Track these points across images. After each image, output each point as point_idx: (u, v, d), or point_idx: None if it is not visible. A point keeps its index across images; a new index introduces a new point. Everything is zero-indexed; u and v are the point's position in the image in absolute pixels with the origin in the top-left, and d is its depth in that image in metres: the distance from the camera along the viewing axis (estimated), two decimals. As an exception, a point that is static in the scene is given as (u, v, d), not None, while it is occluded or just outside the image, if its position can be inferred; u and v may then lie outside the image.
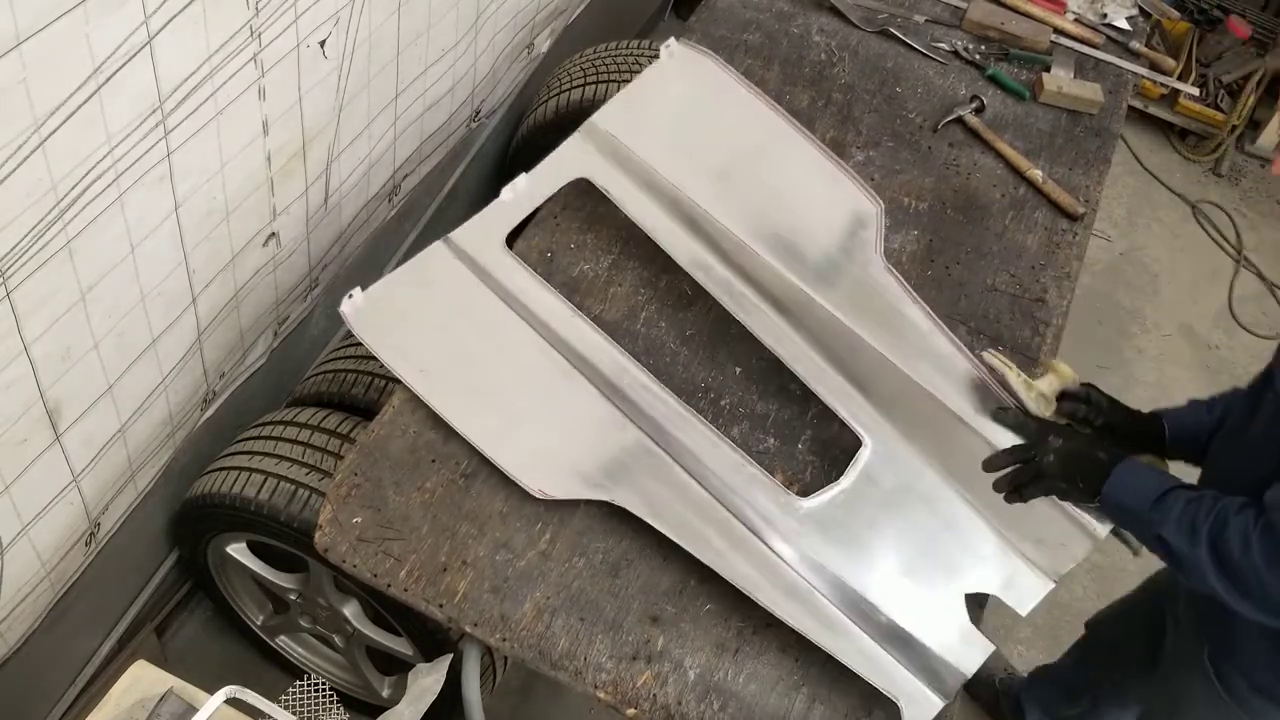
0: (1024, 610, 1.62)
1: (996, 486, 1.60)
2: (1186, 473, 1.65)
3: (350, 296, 1.80)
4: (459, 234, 1.89)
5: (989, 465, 1.61)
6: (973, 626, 1.59)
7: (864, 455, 1.70)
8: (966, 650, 1.57)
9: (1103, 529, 1.61)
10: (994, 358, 1.75)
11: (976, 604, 1.64)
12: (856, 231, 1.89)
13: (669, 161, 1.94)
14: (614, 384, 1.74)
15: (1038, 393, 1.72)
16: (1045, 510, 1.61)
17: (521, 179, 1.95)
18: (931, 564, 1.63)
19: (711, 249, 1.87)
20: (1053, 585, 1.62)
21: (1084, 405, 1.69)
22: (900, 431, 1.71)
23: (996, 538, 1.64)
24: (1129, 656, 1.96)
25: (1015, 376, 1.73)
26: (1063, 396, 1.71)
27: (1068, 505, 1.61)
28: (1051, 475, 1.55)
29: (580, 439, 1.69)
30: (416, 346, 1.76)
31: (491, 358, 1.77)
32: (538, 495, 1.63)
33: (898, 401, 1.74)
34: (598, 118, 2.01)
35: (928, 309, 1.81)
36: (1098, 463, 1.52)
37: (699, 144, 1.98)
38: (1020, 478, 1.58)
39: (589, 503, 1.67)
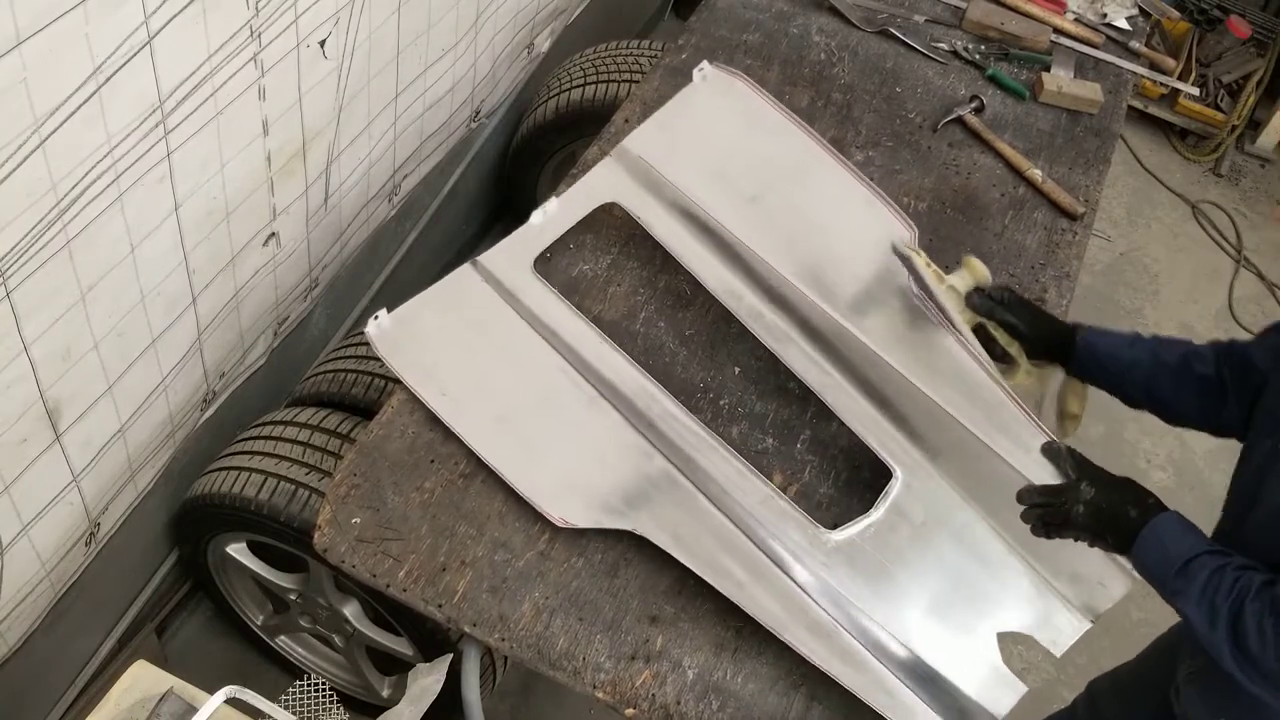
0: (1058, 651, 1.57)
1: (1024, 518, 1.54)
2: (1141, 422, 1.63)
3: (376, 318, 1.79)
4: (487, 257, 1.88)
5: (1020, 498, 1.55)
6: (1004, 667, 1.55)
7: (894, 487, 1.66)
8: (999, 691, 1.53)
9: (1131, 577, 1.56)
10: (910, 251, 1.74)
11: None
12: (890, 257, 1.85)
13: (701, 186, 1.93)
14: (641, 412, 1.72)
15: (948, 285, 1.72)
16: (1082, 547, 1.55)
17: (552, 202, 1.95)
18: (963, 600, 1.59)
19: (743, 276, 1.85)
20: (1089, 625, 1.57)
21: (996, 303, 1.68)
22: (932, 463, 1.67)
23: (1031, 574, 1.59)
24: None
25: (925, 266, 1.72)
26: (975, 292, 1.71)
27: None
28: (1079, 526, 1.49)
29: (604, 467, 1.67)
30: (441, 370, 1.75)
31: (516, 383, 1.75)
32: (560, 524, 1.61)
33: (929, 432, 1.69)
34: (629, 141, 2.01)
35: (961, 336, 1.74)
36: (1127, 520, 1.45)
37: (731, 168, 1.97)
38: (1049, 518, 1.52)
39: (588, 503, 1.67)
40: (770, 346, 1.79)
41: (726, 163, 1.98)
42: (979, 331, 1.74)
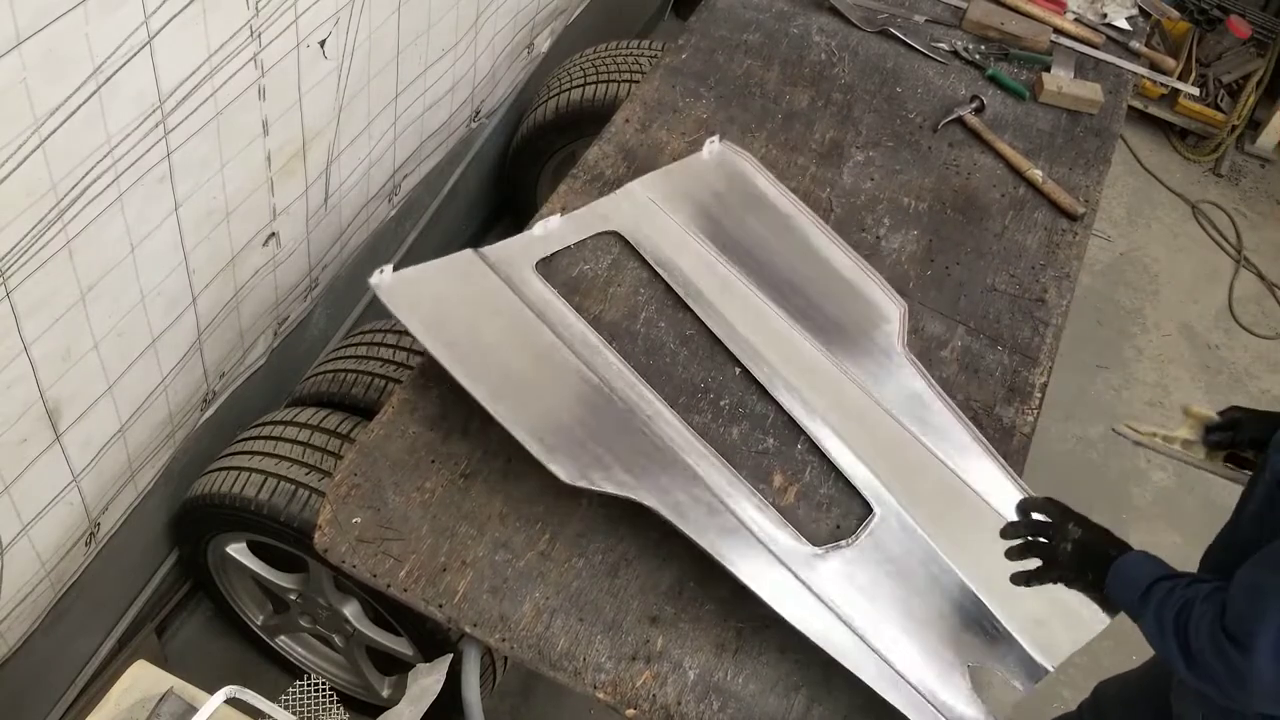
0: (1025, 689, 1.59)
1: (1009, 555, 1.57)
2: None
3: (380, 271, 1.79)
4: (490, 250, 1.89)
5: (1005, 533, 1.58)
6: (974, 695, 1.56)
7: (873, 522, 1.69)
8: (969, 715, 1.55)
9: (1103, 619, 1.60)
10: (1130, 430, 1.82)
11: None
12: (880, 324, 1.92)
13: (701, 232, 1.99)
14: (641, 414, 1.72)
15: (1184, 440, 1.78)
16: (1049, 594, 1.59)
17: (555, 219, 1.97)
18: (934, 634, 1.61)
19: (736, 310, 1.89)
20: (1050, 671, 1.59)
21: (1229, 431, 1.73)
22: (907, 506, 1.71)
23: (998, 618, 1.62)
24: None
25: (1160, 441, 1.80)
26: (1208, 432, 1.76)
27: (1072, 593, 1.59)
28: (1064, 565, 1.54)
29: (609, 441, 1.67)
30: (445, 325, 1.75)
31: (520, 356, 1.76)
32: (566, 481, 1.60)
33: (907, 475, 1.74)
34: (637, 184, 2.05)
35: (949, 400, 1.81)
36: (1106, 558, 1.51)
37: (732, 226, 2.02)
38: (1034, 555, 1.55)
39: (589, 503, 1.67)
40: (758, 378, 1.82)
41: (729, 221, 2.03)
42: (1231, 459, 1.79)
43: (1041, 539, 1.56)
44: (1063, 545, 1.53)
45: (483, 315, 1.80)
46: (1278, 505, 1.42)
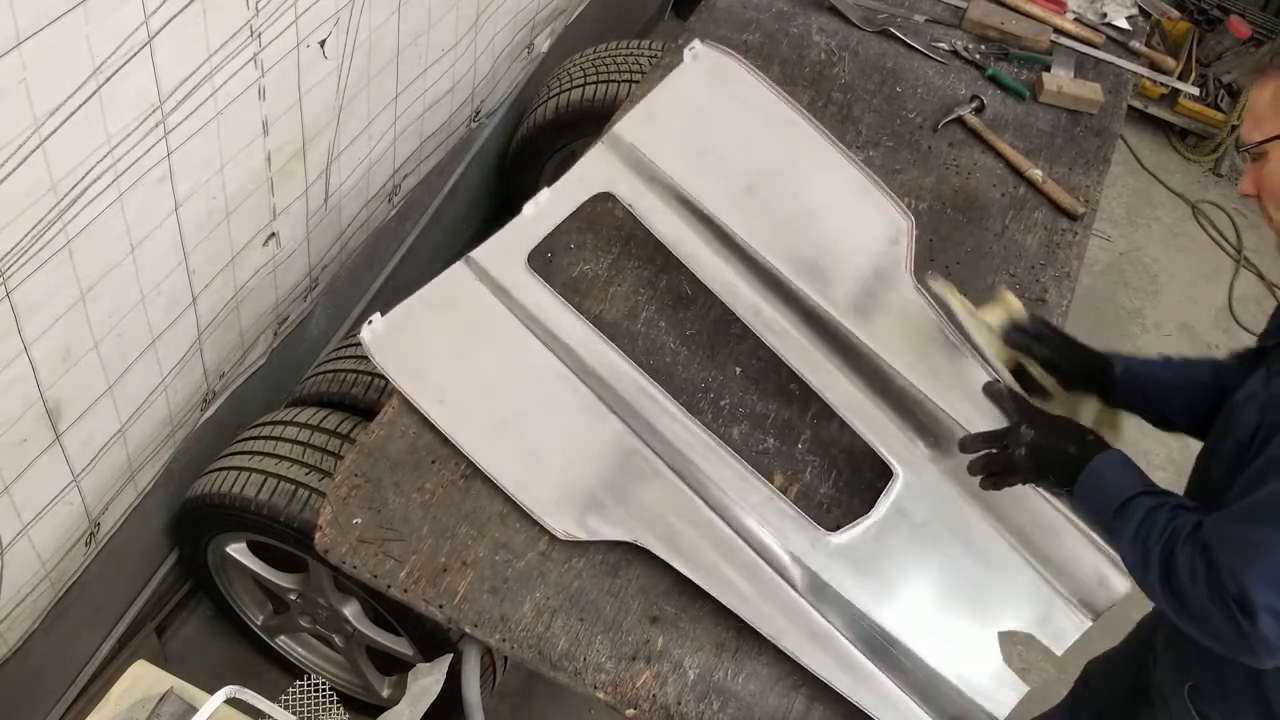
0: (1059, 650, 1.58)
1: (970, 470, 1.56)
2: (1141, 427, 1.66)
3: (370, 323, 1.78)
4: (480, 253, 1.85)
5: (963, 447, 1.57)
6: (1006, 667, 1.55)
7: (895, 486, 1.66)
8: (999, 692, 1.54)
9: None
10: (941, 285, 1.73)
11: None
12: (887, 248, 1.83)
13: (694, 175, 1.89)
14: (639, 414, 1.71)
15: (982, 323, 1.70)
16: (1083, 546, 1.57)
17: (544, 194, 1.91)
18: (964, 601, 1.59)
19: (741, 270, 1.82)
20: (1090, 623, 1.58)
21: (1031, 338, 1.67)
22: (933, 461, 1.67)
23: (1032, 573, 1.59)
24: (1115, 705, 1.91)
25: (960, 305, 1.71)
26: (1011, 328, 1.69)
27: (1103, 547, 1.57)
28: (1024, 468, 1.52)
29: (604, 476, 1.66)
30: (437, 375, 1.73)
31: (514, 387, 1.74)
32: (563, 538, 1.61)
33: (930, 431, 1.69)
34: (620, 128, 1.97)
35: (958, 333, 1.74)
36: (1067, 456, 1.49)
37: (725, 155, 1.92)
38: (993, 467, 1.55)
39: (589, 503, 1.67)
40: (769, 342, 1.78)
41: (720, 149, 1.93)
42: (1016, 368, 1.73)
43: (996, 449, 1.54)
44: (1017, 451, 1.51)
45: (475, 347, 1.77)
46: (1246, 460, 1.39)
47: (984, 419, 1.69)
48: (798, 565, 1.60)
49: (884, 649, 1.56)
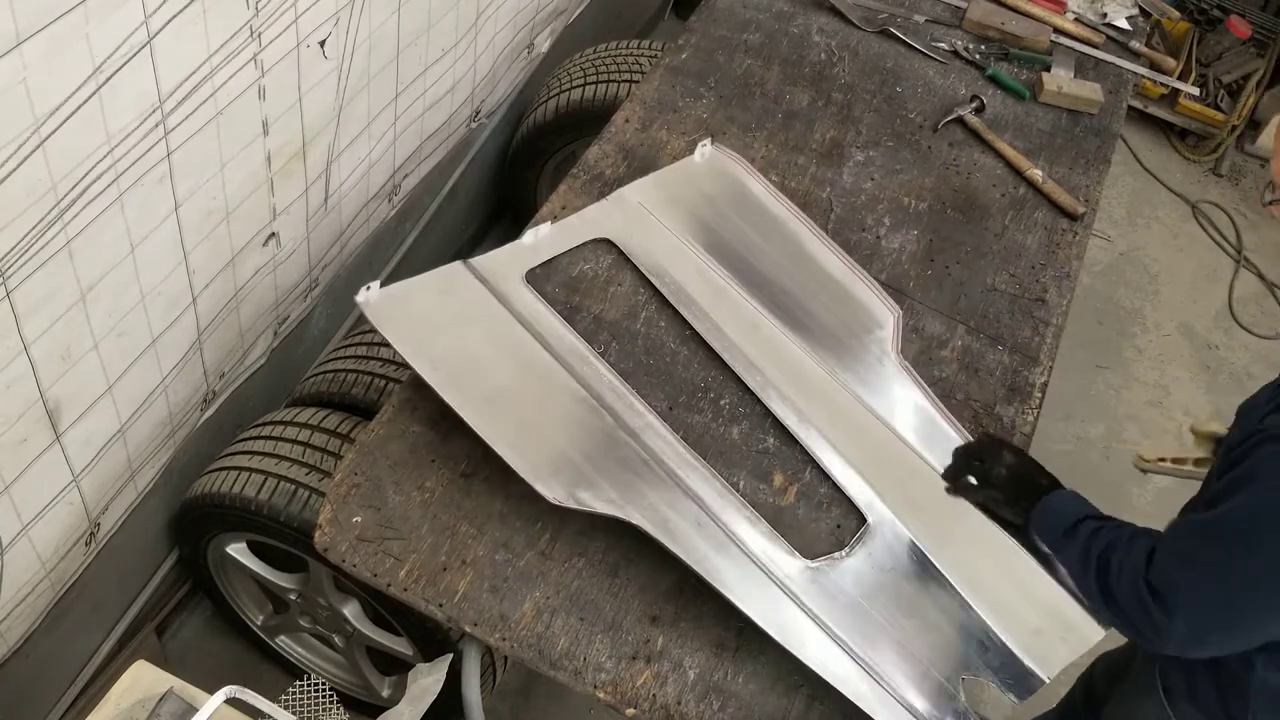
0: (1019, 700, 1.59)
1: (946, 474, 1.70)
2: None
3: (367, 288, 1.78)
4: (479, 261, 1.87)
5: (948, 474, 1.71)
6: (969, 711, 1.56)
7: (864, 531, 1.69)
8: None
9: (1099, 631, 1.61)
10: (1142, 461, 1.89)
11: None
12: (874, 330, 1.90)
13: (693, 238, 1.98)
14: (629, 426, 1.71)
15: (1194, 460, 1.83)
16: (1046, 604, 1.62)
17: (545, 227, 1.95)
18: (927, 647, 1.61)
19: (728, 317, 1.88)
20: (1045, 682, 1.60)
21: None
22: (901, 516, 1.70)
23: (994, 630, 1.62)
24: (1110, 702, 1.95)
25: (1168, 465, 1.86)
26: (1217, 444, 1.80)
27: (1070, 601, 1.62)
28: (999, 486, 1.65)
29: (596, 459, 1.66)
30: (432, 342, 1.74)
31: (507, 369, 1.74)
32: (553, 502, 1.60)
33: (901, 485, 1.73)
34: (628, 190, 2.03)
35: (942, 408, 1.81)
36: (1039, 488, 1.63)
37: (724, 230, 2.01)
38: (969, 472, 1.67)
39: (589, 503, 1.67)
40: (751, 387, 1.81)
41: (720, 225, 2.02)
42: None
43: (978, 461, 1.67)
44: (997, 470, 1.66)
45: (470, 329, 1.78)
46: (1221, 475, 1.47)
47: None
48: (778, 575, 1.62)
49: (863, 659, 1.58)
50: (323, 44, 1.71)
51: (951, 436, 1.78)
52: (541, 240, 1.94)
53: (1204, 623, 1.39)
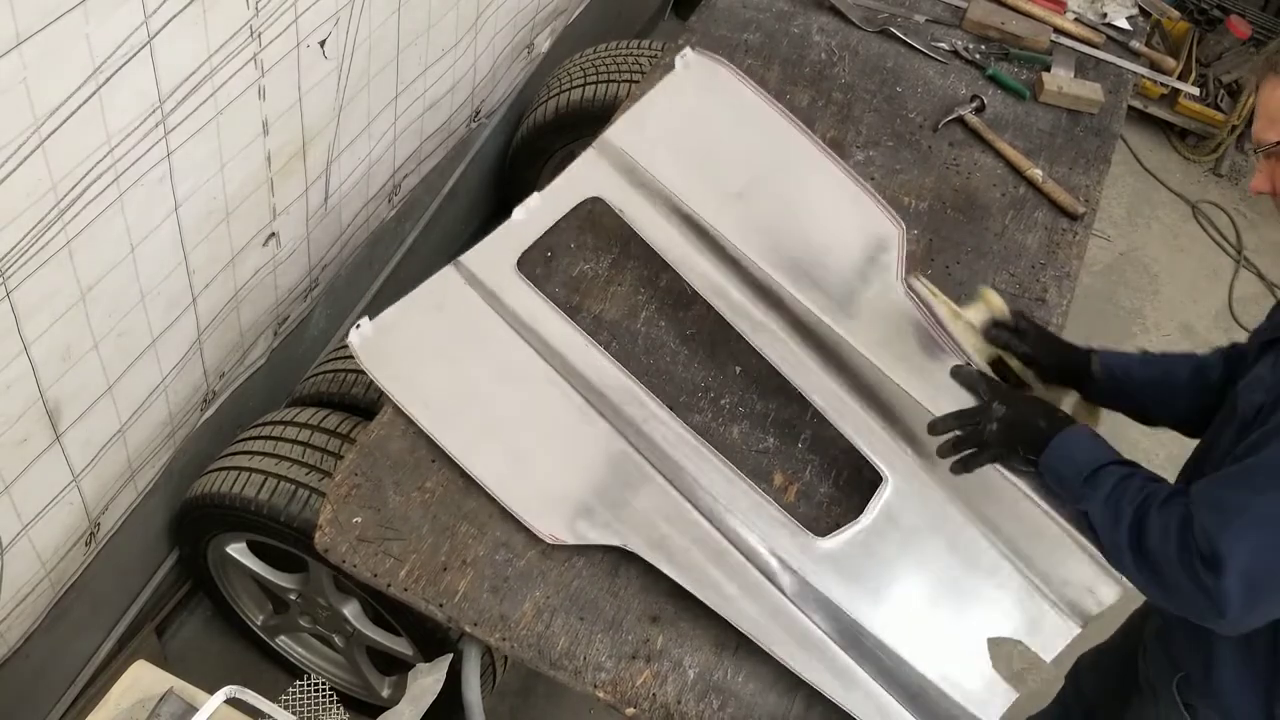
0: (1048, 656, 1.57)
1: (940, 453, 1.58)
2: (1116, 421, 1.66)
3: (358, 326, 1.77)
4: (470, 256, 1.85)
5: (933, 429, 1.58)
6: (995, 673, 1.55)
7: (885, 492, 1.65)
8: (988, 698, 1.53)
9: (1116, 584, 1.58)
10: (922, 285, 1.74)
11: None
12: (877, 255, 1.82)
13: (684, 180, 1.89)
14: (627, 417, 1.70)
15: (965, 322, 1.71)
16: (1073, 553, 1.57)
17: (534, 198, 1.91)
18: (953, 607, 1.59)
19: (728, 274, 1.82)
20: (1078, 630, 1.58)
21: (1012, 334, 1.68)
22: (923, 468, 1.66)
23: (1021, 579, 1.59)
24: (1105, 699, 1.92)
25: (941, 305, 1.72)
26: (992, 325, 1.70)
27: (1095, 551, 1.57)
28: (995, 444, 1.54)
29: (592, 480, 1.65)
30: (425, 380, 1.73)
31: (501, 391, 1.73)
32: (549, 541, 1.61)
33: (920, 437, 1.67)
34: (611, 133, 1.97)
35: (948, 339, 1.73)
36: (1037, 430, 1.51)
37: (714, 161, 1.92)
38: (964, 446, 1.56)
39: (589, 502, 1.67)
40: (757, 346, 1.77)
41: (710, 155, 1.93)
42: (997, 363, 1.73)
43: (968, 426, 1.55)
44: (988, 426, 1.53)
45: (463, 351, 1.76)
46: (1248, 436, 1.40)
47: None
48: (786, 571, 1.60)
49: (873, 654, 1.56)
50: (323, 44, 1.71)
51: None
52: (532, 214, 1.90)
53: (1259, 576, 1.27)
